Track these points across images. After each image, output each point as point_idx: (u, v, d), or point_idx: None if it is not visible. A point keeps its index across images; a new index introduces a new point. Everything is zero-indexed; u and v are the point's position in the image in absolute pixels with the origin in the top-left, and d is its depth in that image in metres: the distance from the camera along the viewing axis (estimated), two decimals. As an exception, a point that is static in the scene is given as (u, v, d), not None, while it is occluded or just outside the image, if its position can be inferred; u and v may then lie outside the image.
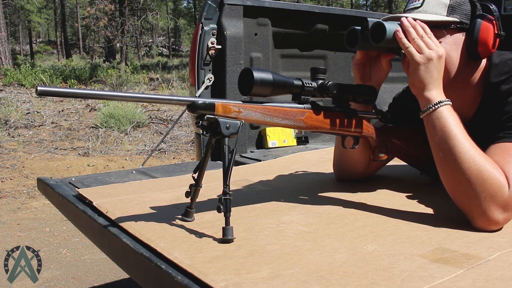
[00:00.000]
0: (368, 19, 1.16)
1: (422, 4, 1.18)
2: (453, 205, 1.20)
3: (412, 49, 1.10)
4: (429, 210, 1.18)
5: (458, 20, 1.16)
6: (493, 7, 1.18)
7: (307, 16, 2.49)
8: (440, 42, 1.14)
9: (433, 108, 1.09)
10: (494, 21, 1.16)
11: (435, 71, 1.10)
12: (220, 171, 0.99)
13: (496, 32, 1.16)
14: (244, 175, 1.63)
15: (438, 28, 1.15)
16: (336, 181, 1.52)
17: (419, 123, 1.27)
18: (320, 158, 1.95)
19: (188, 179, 1.52)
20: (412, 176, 1.54)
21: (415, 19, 1.13)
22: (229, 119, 1.00)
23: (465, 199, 1.04)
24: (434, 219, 1.10)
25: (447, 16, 1.16)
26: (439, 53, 1.10)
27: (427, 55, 1.09)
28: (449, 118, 1.08)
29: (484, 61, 1.22)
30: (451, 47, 1.16)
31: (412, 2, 1.21)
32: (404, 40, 1.11)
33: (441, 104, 1.09)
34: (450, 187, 1.08)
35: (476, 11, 1.17)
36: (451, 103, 1.10)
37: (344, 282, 0.77)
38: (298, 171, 1.70)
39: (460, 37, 1.17)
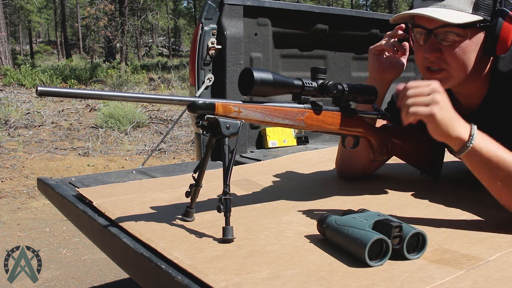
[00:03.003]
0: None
1: None
2: (453, 205, 1.20)
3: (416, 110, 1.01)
4: (429, 210, 1.18)
5: (482, 18, 1.12)
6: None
7: (307, 16, 2.49)
8: (460, 40, 1.12)
9: (469, 146, 1.01)
10: None
11: (445, 110, 1.01)
12: (220, 171, 0.99)
13: None
14: (244, 175, 1.63)
15: (463, 29, 1.11)
16: (336, 181, 1.52)
17: (417, 123, 1.26)
18: (320, 158, 1.94)
19: (188, 179, 1.52)
20: (412, 176, 1.54)
21: (441, 26, 1.08)
22: (229, 119, 1.00)
23: None
24: (434, 219, 1.10)
25: (472, 13, 1.11)
26: (435, 99, 1.00)
27: (429, 106, 1.00)
28: (489, 146, 1.01)
29: None
30: (471, 47, 1.14)
31: None
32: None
33: (473, 137, 1.01)
34: None
35: (497, 6, 1.12)
36: (476, 128, 1.02)
37: (344, 282, 0.77)
38: (298, 171, 1.70)
39: (480, 36, 1.14)
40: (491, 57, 1.21)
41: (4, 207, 4.04)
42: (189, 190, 1.08)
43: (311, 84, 1.12)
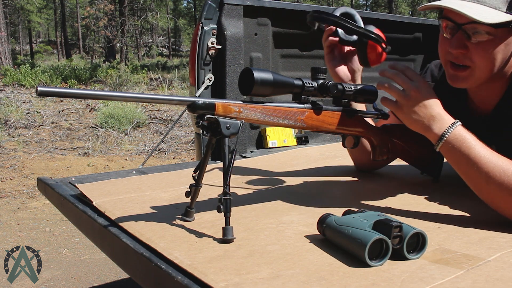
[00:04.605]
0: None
1: None
2: (453, 205, 1.20)
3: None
4: (429, 210, 1.18)
5: None
6: None
7: (307, 16, 2.48)
8: (489, 40, 1.06)
9: (441, 142, 1.06)
10: None
11: (418, 109, 1.06)
12: (219, 169, 0.99)
13: None
14: (244, 172, 1.62)
15: (494, 28, 1.04)
16: (336, 181, 1.52)
17: None
18: (320, 155, 1.95)
19: (188, 175, 1.51)
20: (412, 176, 1.54)
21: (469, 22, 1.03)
22: (229, 119, 1.00)
23: None
24: (434, 219, 1.10)
25: (506, 12, 1.04)
26: (413, 90, 1.06)
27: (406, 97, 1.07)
28: (463, 145, 1.04)
29: None
30: (500, 48, 1.08)
31: None
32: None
33: (445, 135, 1.05)
34: (496, 205, 1.05)
35: None
36: (457, 124, 1.06)
37: (344, 283, 0.77)
38: (298, 168, 1.70)
39: (511, 38, 1.08)
40: None
41: (4, 207, 4.04)
42: (189, 190, 1.08)
43: (311, 84, 1.12)
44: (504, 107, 1.19)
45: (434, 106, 1.07)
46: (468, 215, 1.14)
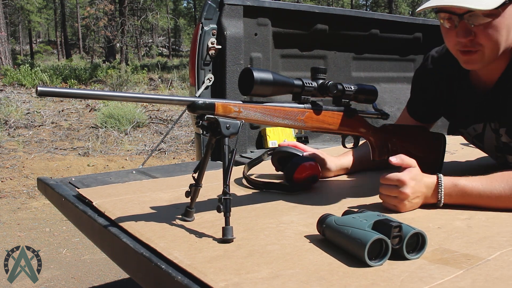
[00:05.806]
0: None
1: None
2: (453, 205, 1.20)
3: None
4: (429, 210, 1.17)
5: None
6: None
7: (307, 16, 2.49)
8: (492, 20, 1.09)
9: (440, 204, 1.16)
10: None
11: (412, 197, 1.13)
12: (220, 171, 0.99)
13: None
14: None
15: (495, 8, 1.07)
16: (336, 181, 1.52)
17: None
18: (320, 158, 1.94)
19: (188, 179, 1.51)
20: (412, 176, 1.54)
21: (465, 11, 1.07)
22: (229, 119, 1.00)
23: None
24: (433, 219, 1.10)
25: None
26: (400, 195, 1.13)
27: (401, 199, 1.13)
28: (463, 191, 1.13)
29: None
30: (504, 23, 1.10)
31: None
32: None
33: (441, 198, 1.14)
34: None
35: None
36: (441, 176, 1.15)
37: (344, 282, 0.77)
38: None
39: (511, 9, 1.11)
40: None
41: (4, 207, 4.04)
42: (189, 190, 1.08)
43: (311, 84, 1.13)
44: (506, 81, 1.22)
45: (420, 180, 1.15)
46: (468, 214, 1.13)
